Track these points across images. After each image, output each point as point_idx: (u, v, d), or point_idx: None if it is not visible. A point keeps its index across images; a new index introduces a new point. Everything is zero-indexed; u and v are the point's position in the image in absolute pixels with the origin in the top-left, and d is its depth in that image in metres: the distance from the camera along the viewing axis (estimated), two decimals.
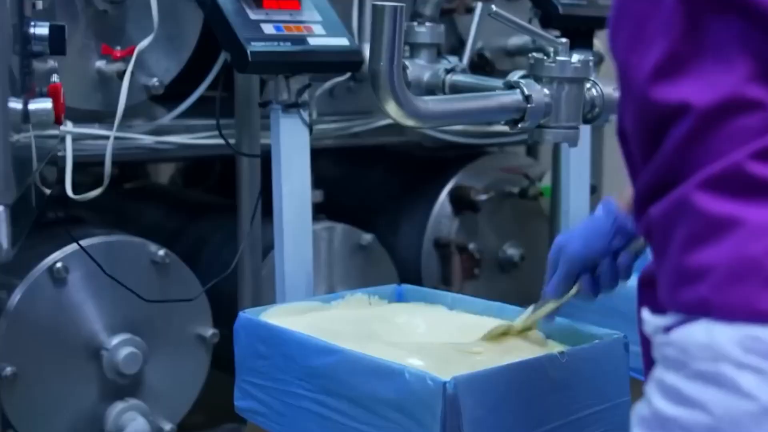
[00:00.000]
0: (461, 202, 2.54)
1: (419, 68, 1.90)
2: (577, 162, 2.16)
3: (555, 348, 1.41)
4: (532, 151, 3.09)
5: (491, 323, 1.56)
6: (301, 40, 1.65)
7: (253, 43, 1.59)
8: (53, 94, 1.27)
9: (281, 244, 1.70)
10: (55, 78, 1.38)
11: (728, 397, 0.79)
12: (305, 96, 1.70)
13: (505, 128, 2.57)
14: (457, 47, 2.40)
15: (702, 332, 0.81)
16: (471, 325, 1.55)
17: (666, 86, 0.87)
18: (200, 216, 2.53)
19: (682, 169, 0.85)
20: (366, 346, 1.36)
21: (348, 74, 2.03)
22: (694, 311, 0.82)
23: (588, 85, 1.67)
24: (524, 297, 1.73)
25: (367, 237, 2.33)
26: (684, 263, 0.83)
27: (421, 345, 1.42)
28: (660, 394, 0.84)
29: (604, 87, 1.71)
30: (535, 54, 1.64)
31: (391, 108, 1.42)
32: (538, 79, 1.62)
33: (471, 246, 2.52)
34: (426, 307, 1.64)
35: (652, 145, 0.89)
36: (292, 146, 1.69)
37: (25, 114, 1.24)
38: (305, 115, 1.70)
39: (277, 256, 1.71)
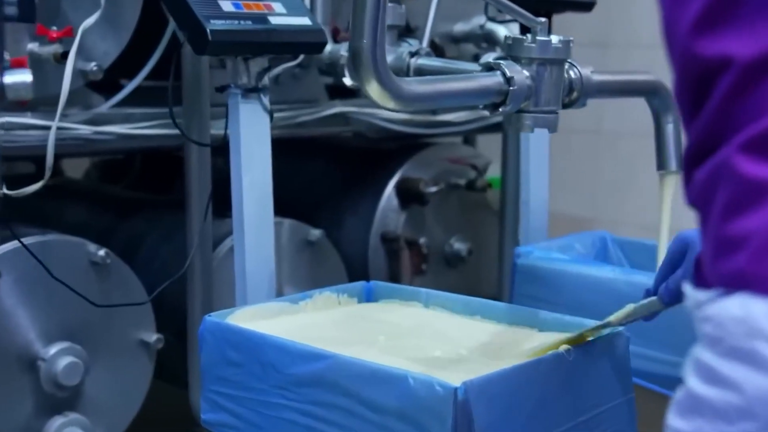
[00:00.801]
0: (409, 195, 2.43)
1: None
2: (536, 151, 2.08)
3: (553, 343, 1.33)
4: (469, 141, 3.01)
5: (472, 323, 1.47)
6: (262, 18, 1.52)
7: (212, 21, 1.45)
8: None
9: (242, 240, 1.56)
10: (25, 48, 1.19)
11: (762, 377, 0.73)
12: (265, 80, 1.57)
13: (449, 117, 2.54)
14: (403, 31, 2.30)
15: (738, 306, 0.75)
16: (456, 325, 1.45)
17: (708, 39, 0.80)
18: (132, 214, 2.37)
19: (724, 129, 0.79)
20: (357, 351, 1.25)
21: (300, 59, 1.90)
22: (731, 284, 0.76)
23: (565, 67, 1.59)
24: (472, 292, 1.64)
25: (316, 233, 2.21)
26: (723, 232, 0.77)
27: (416, 349, 1.31)
28: (695, 374, 0.78)
29: (582, 69, 1.63)
30: (514, 34, 1.55)
31: (374, 89, 1.31)
32: (516, 61, 1.53)
33: (418, 240, 2.42)
34: (404, 307, 1.54)
35: (696, 105, 0.82)
36: (253, 134, 1.56)
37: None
38: (266, 100, 1.57)
39: (237, 255, 1.58)
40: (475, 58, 2.45)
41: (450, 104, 1.50)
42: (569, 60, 1.59)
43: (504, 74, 1.49)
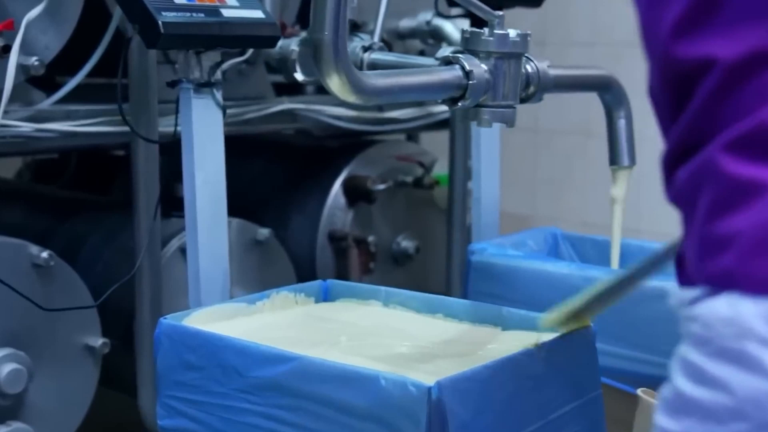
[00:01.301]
0: (356, 193, 2.40)
1: None
2: (487, 148, 2.06)
3: (520, 340, 1.31)
4: (412, 138, 2.99)
5: (433, 321, 1.45)
6: (215, 11, 1.47)
7: (164, 13, 1.40)
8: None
9: (195, 240, 1.51)
10: None
11: (752, 378, 0.72)
12: (218, 74, 1.52)
13: (395, 114, 2.52)
14: (351, 27, 2.26)
15: (726, 306, 0.74)
16: (417, 323, 1.43)
17: (689, 41, 0.79)
18: (70, 215, 2.29)
19: (707, 129, 0.78)
20: (319, 352, 1.22)
21: (248, 54, 1.86)
22: (718, 283, 0.76)
23: (522, 61, 1.57)
24: (419, 290, 1.61)
25: (264, 232, 2.16)
26: (708, 231, 0.77)
27: (379, 348, 1.28)
28: (682, 373, 0.77)
29: (539, 63, 1.62)
30: (471, 28, 1.53)
31: (335, 83, 1.28)
32: (474, 55, 1.51)
33: (366, 238, 2.39)
34: (363, 306, 1.51)
35: (678, 106, 0.82)
36: (205, 130, 1.51)
37: None
38: (219, 95, 1.52)
39: (190, 255, 1.53)
40: (421, 54, 2.43)
41: (410, 98, 1.48)
42: (526, 54, 1.58)
43: (463, 68, 1.47)
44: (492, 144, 2.09)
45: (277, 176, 2.52)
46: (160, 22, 1.39)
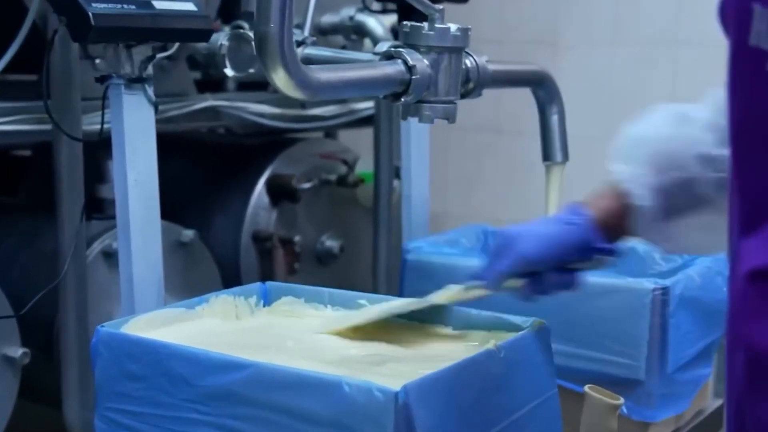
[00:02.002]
0: (280, 192, 2.35)
1: None
2: (417, 146, 2.04)
3: (473, 340, 1.29)
4: (329, 136, 2.95)
5: (379, 322, 1.41)
6: (146, 3, 1.41)
7: (94, 5, 1.33)
8: None
9: (128, 243, 1.44)
10: None
11: None
12: (149, 69, 1.45)
13: (318, 111, 2.47)
14: None
15: None
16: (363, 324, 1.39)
17: None
18: None
19: None
20: (267, 357, 1.17)
21: (173, 48, 1.78)
22: None
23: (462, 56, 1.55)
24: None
25: (188, 233, 2.09)
26: None
27: (329, 351, 1.24)
28: None
29: (478, 58, 1.60)
30: (411, 22, 1.50)
31: (280, 78, 1.23)
32: (414, 49, 1.48)
33: (291, 238, 2.34)
34: (305, 307, 1.46)
35: None
36: (137, 128, 1.44)
37: None
38: (150, 91, 1.45)
39: (122, 259, 1.46)
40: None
41: (353, 94, 1.44)
42: (466, 49, 1.55)
43: (406, 63, 1.44)
44: (421, 141, 2.07)
45: (198, 176, 2.45)
46: (90, 14, 1.32)
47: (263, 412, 1.09)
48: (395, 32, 2.34)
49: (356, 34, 2.35)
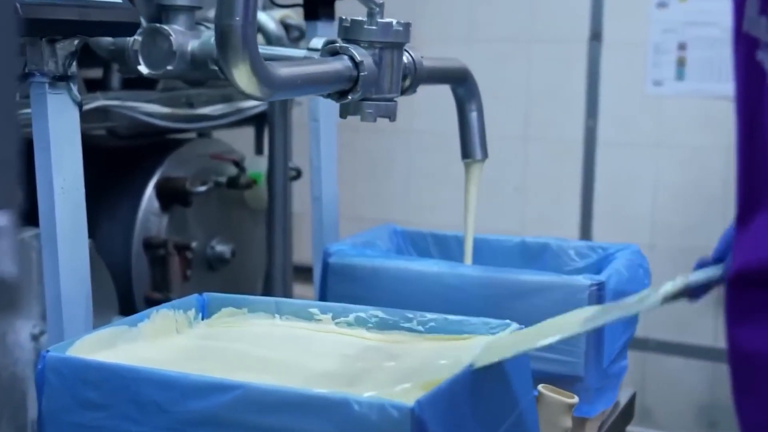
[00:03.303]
0: (171, 196, 2.23)
1: (181, 36, 1.59)
2: (326, 145, 1.97)
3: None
4: (203, 136, 2.83)
5: (339, 333, 1.34)
6: None
7: None
8: None
9: (54, 258, 1.31)
10: None
11: None
12: (74, 66, 1.33)
13: (206, 111, 2.36)
14: None
15: None
16: (321, 334, 1.32)
17: None
18: None
19: None
20: (244, 377, 1.08)
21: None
22: None
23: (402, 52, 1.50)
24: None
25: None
26: None
27: (303, 367, 1.16)
28: None
29: (415, 54, 1.55)
30: (351, 17, 1.43)
31: (242, 74, 1.15)
32: (355, 45, 1.42)
33: (187, 244, 2.23)
34: (251, 320, 1.37)
35: None
36: (63, 130, 1.31)
37: None
38: (75, 90, 1.33)
39: (48, 275, 1.32)
40: None
41: (308, 92, 1.36)
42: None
43: (353, 58, 1.37)
44: (329, 141, 2.00)
45: (85, 180, 2.28)
46: (18, 5, 1.19)
47: None
48: (286, 27, 2.26)
49: None
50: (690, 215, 3.11)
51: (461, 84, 1.76)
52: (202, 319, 1.41)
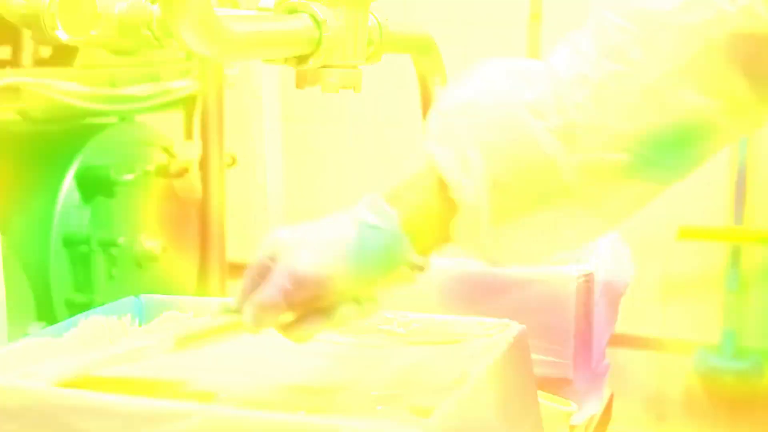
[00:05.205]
0: (94, 187, 2.00)
1: None
2: (270, 129, 1.77)
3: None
4: (124, 120, 2.60)
5: None
6: None
7: None
8: None
9: None
10: None
11: None
12: None
13: (132, 91, 2.13)
14: None
15: None
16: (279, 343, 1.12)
17: None
18: None
19: None
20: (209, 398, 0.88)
21: None
22: None
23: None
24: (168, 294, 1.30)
25: None
26: None
27: (270, 388, 0.97)
28: None
29: (380, 17, 1.36)
30: None
31: (190, 27, 0.94)
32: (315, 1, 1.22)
33: (113, 240, 2.01)
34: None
35: None
36: None
37: None
38: None
39: None
40: None
41: (264, 54, 1.16)
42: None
43: (314, 17, 1.18)
44: (274, 127, 1.81)
45: None
46: None
47: None
48: None
49: None
50: None
51: (425, 54, 1.58)
52: (140, 325, 1.19)
